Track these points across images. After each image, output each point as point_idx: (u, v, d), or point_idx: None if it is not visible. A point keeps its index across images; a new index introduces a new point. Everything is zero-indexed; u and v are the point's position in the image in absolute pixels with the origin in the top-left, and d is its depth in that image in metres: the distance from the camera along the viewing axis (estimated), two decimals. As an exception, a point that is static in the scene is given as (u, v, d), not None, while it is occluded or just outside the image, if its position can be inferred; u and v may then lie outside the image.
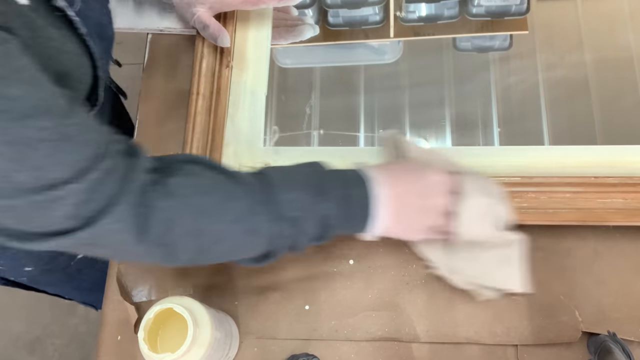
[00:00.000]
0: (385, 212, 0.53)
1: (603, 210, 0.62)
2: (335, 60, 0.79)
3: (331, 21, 0.80)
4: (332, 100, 0.76)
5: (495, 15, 0.77)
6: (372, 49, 0.79)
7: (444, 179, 0.55)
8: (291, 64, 0.79)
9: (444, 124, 0.72)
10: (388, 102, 0.75)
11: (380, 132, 0.73)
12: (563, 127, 0.69)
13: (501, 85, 0.73)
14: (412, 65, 0.76)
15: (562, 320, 0.63)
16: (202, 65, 0.75)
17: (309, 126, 0.74)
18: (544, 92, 0.72)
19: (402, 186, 0.54)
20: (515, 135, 0.70)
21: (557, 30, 0.75)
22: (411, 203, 0.54)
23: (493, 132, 0.71)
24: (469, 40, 0.76)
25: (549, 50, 0.74)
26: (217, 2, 0.71)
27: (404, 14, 0.79)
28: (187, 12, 0.73)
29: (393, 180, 0.54)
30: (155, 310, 0.56)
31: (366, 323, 0.66)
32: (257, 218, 0.49)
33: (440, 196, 0.55)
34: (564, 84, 0.72)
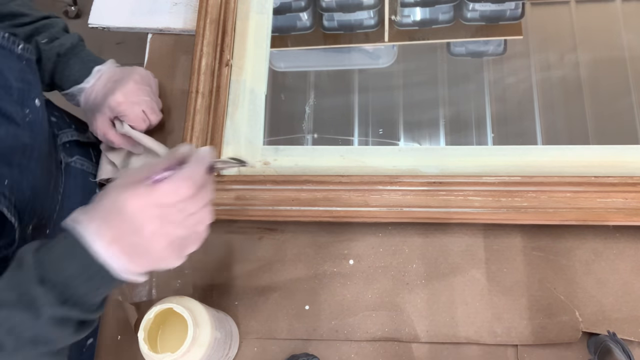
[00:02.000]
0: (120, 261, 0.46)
1: (603, 210, 0.62)
2: (330, 64, 0.79)
3: (326, 25, 0.80)
4: (326, 103, 0.76)
5: (490, 19, 0.77)
6: (367, 52, 0.79)
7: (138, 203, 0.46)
8: (285, 67, 0.79)
9: (438, 126, 0.72)
10: (382, 105, 0.74)
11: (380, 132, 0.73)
12: (556, 129, 0.70)
13: (495, 88, 0.73)
14: (407, 68, 0.76)
15: (562, 320, 0.63)
16: (202, 64, 0.75)
17: (302, 130, 0.74)
18: (537, 94, 0.72)
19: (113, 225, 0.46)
20: (508, 136, 0.70)
21: (551, 34, 0.75)
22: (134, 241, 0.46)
23: (487, 134, 0.71)
24: (463, 45, 0.76)
25: (543, 53, 0.74)
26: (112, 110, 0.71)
27: (398, 18, 0.79)
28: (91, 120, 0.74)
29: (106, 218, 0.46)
30: (155, 310, 0.55)
31: (366, 323, 0.66)
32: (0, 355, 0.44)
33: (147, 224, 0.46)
34: (557, 86, 0.72)
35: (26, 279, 0.45)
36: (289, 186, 0.69)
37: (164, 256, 0.48)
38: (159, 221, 0.47)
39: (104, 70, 0.74)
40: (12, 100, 0.58)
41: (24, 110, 0.60)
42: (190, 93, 0.74)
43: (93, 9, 0.86)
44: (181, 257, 0.50)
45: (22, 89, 0.60)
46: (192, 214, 0.48)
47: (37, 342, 0.46)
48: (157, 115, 0.75)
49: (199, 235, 0.50)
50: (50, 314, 0.45)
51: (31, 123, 0.61)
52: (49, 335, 0.46)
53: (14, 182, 0.57)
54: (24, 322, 0.45)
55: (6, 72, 0.58)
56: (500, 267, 0.66)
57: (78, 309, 0.46)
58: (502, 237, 0.68)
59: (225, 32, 0.76)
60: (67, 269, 0.45)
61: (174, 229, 0.48)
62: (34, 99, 0.62)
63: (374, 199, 0.66)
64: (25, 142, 0.59)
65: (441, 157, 0.69)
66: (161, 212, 0.47)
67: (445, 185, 0.65)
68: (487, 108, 0.72)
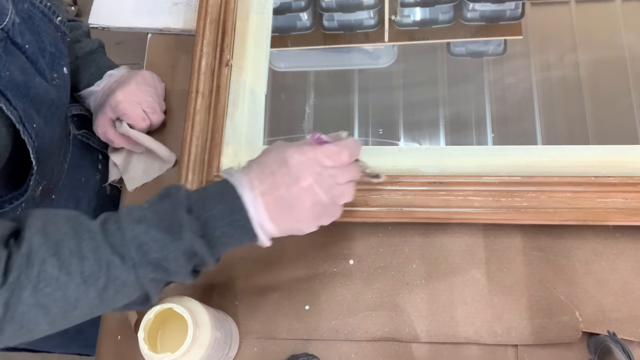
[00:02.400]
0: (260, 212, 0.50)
1: (603, 210, 0.62)
2: (330, 64, 0.79)
3: (326, 25, 0.80)
4: (326, 103, 0.76)
5: (490, 19, 0.77)
6: (367, 53, 0.79)
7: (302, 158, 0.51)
8: (285, 67, 0.79)
9: (438, 126, 0.72)
10: (382, 105, 0.74)
11: None
12: (556, 129, 0.70)
13: (495, 88, 0.73)
14: (407, 68, 0.76)
15: (562, 320, 0.63)
16: (202, 64, 0.75)
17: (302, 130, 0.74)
18: (537, 94, 0.72)
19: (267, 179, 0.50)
20: (508, 136, 0.70)
21: (551, 34, 0.75)
22: (283, 194, 0.50)
23: (487, 134, 0.71)
24: (463, 46, 0.76)
25: (543, 53, 0.74)
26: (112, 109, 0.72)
27: (398, 18, 0.79)
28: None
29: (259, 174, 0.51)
30: (155, 310, 0.55)
31: (366, 323, 0.66)
32: (113, 271, 0.46)
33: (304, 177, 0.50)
34: (557, 86, 0.72)
35: (174, 206, 0.48)
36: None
37: (303, 216, 0.51)
38: (313, 178, 0.51)
39: (115, 75, 0.76)
40: (45, 62, 0.62)
41: (52, 74, 0.64)
42: (190, 93, 0.74)
43: (93, 9, 0.86)
44: (316, 224, 0.53)
45: (54, 55, 0.64)
46: (339, 184, 0.52)
47: (158, 266, 0.48)
48: (158, 116, 0.76)
49: (336, 210, 0.54)
50: (188, 241, 0.47)
51: (57, 86, 0.64)
52: (172, 263, 0.48)
53: (39, 130, 0.59)
54: (158, 241, 0.47)
55: (43, 36, 0.63)
56: (500, 267, 0.66)
57: (209, 249, 0.49)
58: (502, 237, 0.68)
59: (225, 32, 0.76)
60: (214, 208, 0.49)
61: (322, 192, 0.51)
62: (62, 67, 0.65)
63: (374, 199, 0.66)
64: (52, 97, 0.62)
65: (441, 157, 0.69)
66: (318, 171, 0.51)
67: (445, 185, 0.65)
68: (487, 108, 0.72)
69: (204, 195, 0.50)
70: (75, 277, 0.45)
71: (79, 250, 0.45)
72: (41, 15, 0.64)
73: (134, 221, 0.47)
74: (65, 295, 0.45)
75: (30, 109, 0.57)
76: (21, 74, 0.57)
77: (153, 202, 0.50)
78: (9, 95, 0.54)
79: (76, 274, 0.45)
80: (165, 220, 0.48)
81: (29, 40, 0.59)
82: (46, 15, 0.64)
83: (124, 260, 0.46)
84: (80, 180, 0.78)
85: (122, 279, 0.47)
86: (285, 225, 0.51)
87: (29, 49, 0.59)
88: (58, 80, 0.64)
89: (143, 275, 0.47)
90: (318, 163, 0.51)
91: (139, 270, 0.47)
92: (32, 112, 0.58)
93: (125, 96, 0.72)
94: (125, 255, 0.46)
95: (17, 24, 0.57)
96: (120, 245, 0.47)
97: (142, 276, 0.47)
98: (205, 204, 0.49)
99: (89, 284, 0.45)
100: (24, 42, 0.58)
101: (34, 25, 0.62)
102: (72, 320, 0.48)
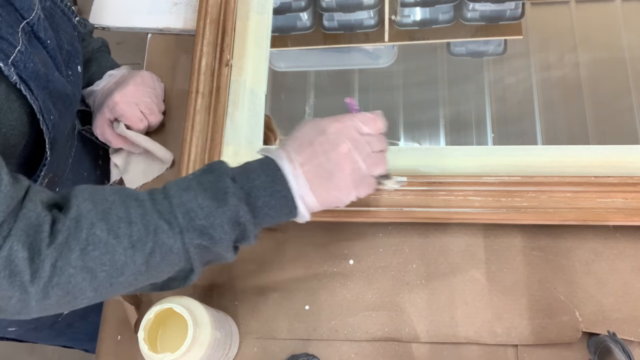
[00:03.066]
0: (301, 183, 0.51)
1: (603, 210, 0.62)
2: (330, 64, 0.79)
3: (326, 25, 0.80)
4: (326, 103, 0.76)
5: (490, 19, 0.77)
6: (367, 52, 0.79)
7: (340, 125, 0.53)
8: (286, 67, 0.79)
9: (438, 126, 0.72)
10: (382, 105, 0.75)
11: None
12: (556, 129, 0.70)
13: (495, 88, 0.73)
14: (407, 68, 0.76)
15: (562, 320, 0.63)
16: (202, 64, 0.75)
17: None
18: (537, 94, 0.72)
19: (306, 150, 0.52)
20: (508, 136, 0.70)
21: (551, 34, 0.75)
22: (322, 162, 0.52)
23: (487, 134, 0.71)
24: (463, 45, 0.76)
25: (543, 53, 0.74)
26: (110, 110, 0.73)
27: (398, 17, 0.79)
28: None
29: (296, 148, 0.52)
30: (155, 310, 0.55)
31: (366, 323, 0.66)
32: (160, 236, 0.47)
33: (343, 143, 0.52)
34: (557, 86, 0.72)
35: (219, 176, 0.50)
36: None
37: (343, 183, 0.52)
38: (351, 145, 0.52)
39: (115, 75, 0.76)
40: (62, 58, 0.64)
41: (67, 70, 0.65)
42: (190, 93, 0.74)
43: (93, 9, 0.86)
44: (355, 193, 0.54)
45: (70, 52, 0.66)
46: (374, 152, 0.54)
47: (204, 233, 0.48)
48: (156, 117, 0.76)
49: (371, 180, 0.55)
50: (233, 207, 0.49)
51: (72, 83, 0.65)
52: (217, 230, 0.49)
53: (55, 122, 0.60)
54: (204, 208, 0.48)
55: (62, 33, 0.65)
56: (500, 267, 0.66)
57: (252, 217, 0.50)
58: (502, 237, 0.67)
59: (225, 32, 0.76)
60: (256, 179, 0.50)
61: (359, 159, 0.53)
62: (77, 65, 0.67)
63: (374, 199, 0.66)
64: (67, 93, 0.63)
65: (441, 157, 0.69)
66: (355, 138, 0.52)
67: (445, 185, 0.65)
68: (487, 108, 0.72)
69: (246, 168, 0.52)
70: (124, 241, 0.46)
71: (127, 216, 0.47)
72: (61, 14, 0.66)
73: (180, 189, 0.49)
74: (113, 260, 0.45)
75: (48, 101, 0.58)
76: (43, 66, 0.58)
77: (198, 174, 0.51)
78: (32, 85, 0.55)
79: (124, 237, 0.46)
80: (211, 189, 0.49)
81: (49, 36, 0.61)
82: (65, 14, 0.67)
83: (171, 226, 0.47)
84: (82, 174, 0.78)
85: (168, 244, 0.47)
86: (325, 195, 0.52)
87: (49, 45, 0.61)
88: (72, 77, 0.66)
89: (189, 242, 0.48)
90: (356, 129, 0.53)
91: (185, 236, 0.48)
92: (49, 105, 0.59)
93: (122, 97, 0.72)
94: (172, 221, 0.47)
95: (41, 19, 0.59)
96: (167, 212, 0.48)
97: (188, 242, 0.48)
98: (248, 175, 0.51)
99: (137, 248, 0.46)
100: (46, 37, 0.60)
101: (54, 22, 0.64)
102: (116, 289, 0.48)
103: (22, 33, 0.56)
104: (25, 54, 0.55)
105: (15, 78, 0.53)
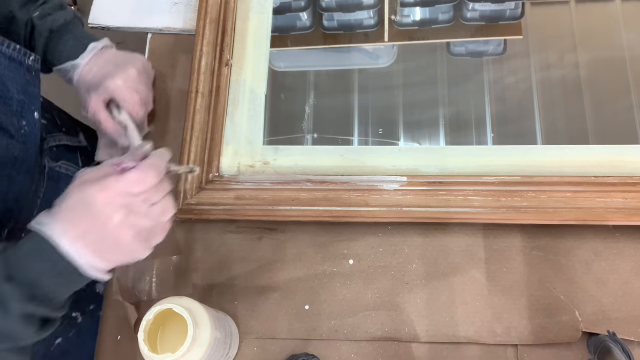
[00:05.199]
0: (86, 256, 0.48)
1: (603, 210, 0.62)
2: (330, 64, 0.79)
3: (326, 25, 0.80)
4: (326, 103, 0.76)
5: (490, 20, 0.77)
6: (367, 53, 0.79)
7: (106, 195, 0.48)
8: (285, 67, 0.79)
9: (438, 126, 0.72)
10: (382, 105, 0.74)
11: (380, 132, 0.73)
12: (556, 129, 0.70)
13: (495, 88, 0.73)
14: (407, 68, 0.76)
15: (562, 320, 0.63)
16: (202, 64, 0.75)
17: (302, 130, 0.74)
18: (537, 94, 0.72)
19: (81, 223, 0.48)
20: (508, 136, 0.70)
21: (551, 34, 0.75)
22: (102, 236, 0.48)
23: (487, 134, 0.71)
24: (463, 46, 0.76)
25: (543, 53, 0.74)
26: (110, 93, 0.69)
27: (398, 18, 0.79)
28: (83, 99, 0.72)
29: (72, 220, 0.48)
30: (155, 311, 0.55)
31: (366, 323, 0.66)
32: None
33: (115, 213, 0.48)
34: (557, 86, 0.72)
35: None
36: (289, 186, 0.69)
37: (132, 248, 0.50)
38: (125, 211, 0.49)
39: (99, 48, 0.72)
40: (11, 112, 0.60)
41: (20, 122, 0.61)
42: (190, 93, 0.74)
43: (93, 9, 0.86)
44: (148, 248, 0.52)
45: (23, 102, 0.62)
46: (155, 204, 0.51)
47: (4, 338, 0.47)
48: (151, 106, 0.75)
49: (164, 226, 0.53)
50: (18, 310, 0.46)
51: (26, 135, 0.62)
52: (14, 332, 0.47)
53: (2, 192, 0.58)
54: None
55: (9, 84, 0.60)
56: (500, 267, 0.66)
57: (45, 306, 0.48)
58: (502, 237, 0.68)
59: (225, 32, 0.76)
60: (35, 267, 0.47)
61: (140, 220, 0.50)
62: (33, 112, 0.63)
63: (374, 199, 0.66)
64: (16, 155, 0.60)
65: (441, 157, 0.69)
66: (128, 202, 0.49)
67: (445, 185, 0.65)
68: (487, 108, 0.72)
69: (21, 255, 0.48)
70: None
71: None
72: (8, 62, 0.61)
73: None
74: None
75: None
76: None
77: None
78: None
79: None
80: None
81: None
82: (15, 60, 0.61)
83: None
84: None
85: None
86: (116, 260, 0.50)
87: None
88: (27, 129, 0.62)
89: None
90: (125, 194, 0.49)
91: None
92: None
93: (125, 83, 0.69)
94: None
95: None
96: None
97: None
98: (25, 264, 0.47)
99: None
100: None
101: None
102: None
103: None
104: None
105: None
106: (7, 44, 0.60)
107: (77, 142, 0.81)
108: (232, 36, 0.77)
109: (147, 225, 0.51)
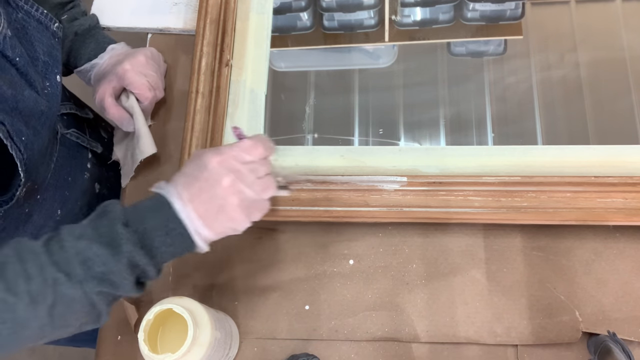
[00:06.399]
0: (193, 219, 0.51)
1: (603, 209, 0.62)
2: (330, 64, 0.79)
3: (326, 24, 0.80)
4: (326, 103, 0.76)
5: (490, 19, 0.77)
6: (367, 52, 0.79)
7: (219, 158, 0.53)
8: (286, 67, 0.79)
9: (438, 126, 0.72)
10: (382, 105, 0.75)
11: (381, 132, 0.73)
12: (556, 129, 0.70)
13: (495, 88, 0.73)
14: (407, 68, 0.76)
15: (562, 320, 0.63)
16: (202, 64, 0.75)
17: (302, 129, 0.75)
18: (537, 94, 0.72)
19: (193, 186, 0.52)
20: (508, 136, 0.70)
21: (551, 34, 0.75)
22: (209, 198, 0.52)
23: (487, 134, 0.71)
24: (463, 45, 0.76)
25: (543, 53, 0.74)
26: (118, 78, 0.72)
27: (399, 17, 0.79)
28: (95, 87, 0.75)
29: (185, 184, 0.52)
30: (155, 311, 0.55)
31: (366, 323, 0.66)
32: (60, 288, 0.47)
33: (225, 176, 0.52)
34: (557, 86, 0.72)
35: (111, 221, 0.49)
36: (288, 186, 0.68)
37: (233, 215, 0.53)
38: (234, 176, 0.52)
39: (117, 48, 0.76)
40: (37, 71, 0.63)
41: (44, 82, 0.64)
42: (190, 93, 0.74)
43: (93, 9, 0.86)
44: (248, 221, 0.54)
45: (48, 63, 0.65)
46: (260, 177, 0.54)
47: (103, 280, 0.48)
48: (160, 92, 0.76)
49: (264, 204, 0.56)
50: (128, 253, 0.48)
51: (49, 95, 0.64)
52: (118, 275, 0.49)
53: (28, 142, 0.60)
54: (100, 256, 0.48)
55: (37, 45, 0.64)
56: (500, 267, 0.66)
57: (148, 260, 0.50)
58: (502, 237, 0.68)
59: (225, 32, 0.76)
60: (150, 220, 0.50)
61: (246, 189, 0.53)
62: (55, 75, 0.66)
63: (374, 199, 0.66)
64: (42, 109, 0.62)
65: (441, 157, 0.69)
66: (237, 168, 0.53)
67: (445, 185, 0.65)
68: (487, 108, 0.72)
69: (139, 208, 0.52)
70: (24, 298, 0.45)
71: (24, 271, 0.46)
72: (36, 24, 0.64)
73: (75, 238, 0.48)
74: (15, 317, 0.45)
75: (18, 122, 0.58)
76: (10, 88, 0.57)
77: (92, 219, 0.51)
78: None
79: (23, 294, 0.45)
80: (105, 235, 0.49)
81: (19, 53, 0.59)
82: (42, 23, 0.65)
83: (69, 277, 0.47)
84: (67, 179, 0.77)
85: (69, 295, 0.47)
86: (219, 227, 0.53)
87: (19, 62, 0.59)
88: (50, 89, 0.65)
89: (90, 290, 0.48)
90: (237, 159, 0.53)
91: (85, 285, 0.47)
92: (20, 125, 0.58)
93: (133, 66, 0.72)
94: (71, 272, 0.47)
95: (8, 37, 0.58)
96: (64, 263, 0.47)
97: (89, 291, 0.48)
98: (141, 216, 0.51)
99: (38, 302, 0.46)
100: (15, 55, 0.59)
101: (27, 35, 0.63)
102: (24, 342, 0.48)
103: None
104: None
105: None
106: (35, 7, 0.64)
107: (84, 113, 0.85)
108: (232, 36, 0.77)
109: (250, 195, 0.53)
